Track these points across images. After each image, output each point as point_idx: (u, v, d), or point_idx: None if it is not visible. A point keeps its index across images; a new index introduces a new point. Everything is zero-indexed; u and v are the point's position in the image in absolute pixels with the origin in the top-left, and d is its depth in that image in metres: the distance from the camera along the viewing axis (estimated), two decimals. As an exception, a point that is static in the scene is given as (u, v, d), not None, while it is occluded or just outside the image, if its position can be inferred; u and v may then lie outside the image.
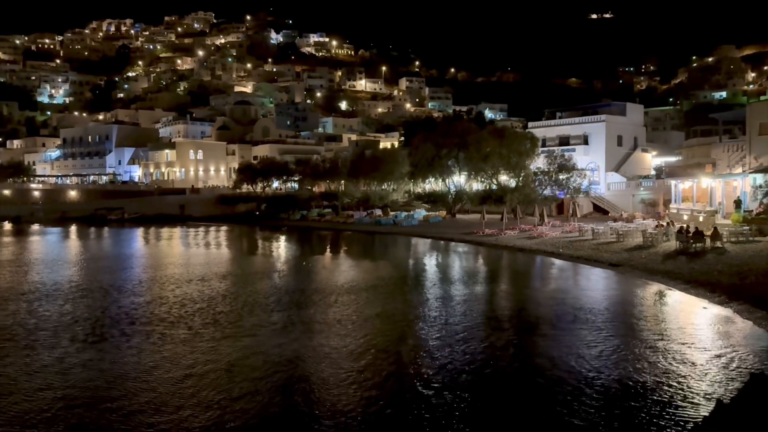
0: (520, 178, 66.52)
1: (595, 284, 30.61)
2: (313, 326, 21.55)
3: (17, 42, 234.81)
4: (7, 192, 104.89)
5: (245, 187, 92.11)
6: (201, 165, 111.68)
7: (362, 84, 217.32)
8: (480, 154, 67.74)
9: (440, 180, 75.88)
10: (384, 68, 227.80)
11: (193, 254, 46.39)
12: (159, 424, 13.18)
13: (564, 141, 76.56)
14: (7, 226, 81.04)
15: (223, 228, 74.27)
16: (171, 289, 29.39)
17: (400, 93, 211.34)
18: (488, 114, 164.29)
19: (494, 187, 69.44)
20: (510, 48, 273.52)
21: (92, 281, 32.34)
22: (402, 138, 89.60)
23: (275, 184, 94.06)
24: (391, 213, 73.80)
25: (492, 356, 17.94)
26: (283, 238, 61.09)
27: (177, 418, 13.43)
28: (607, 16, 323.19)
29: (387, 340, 19.69)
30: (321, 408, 13.98)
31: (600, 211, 67.69)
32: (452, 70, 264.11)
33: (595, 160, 74.29)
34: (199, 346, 19.07)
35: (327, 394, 14.82)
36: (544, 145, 74.73)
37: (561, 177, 62.78)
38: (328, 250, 50.78)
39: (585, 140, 75.21)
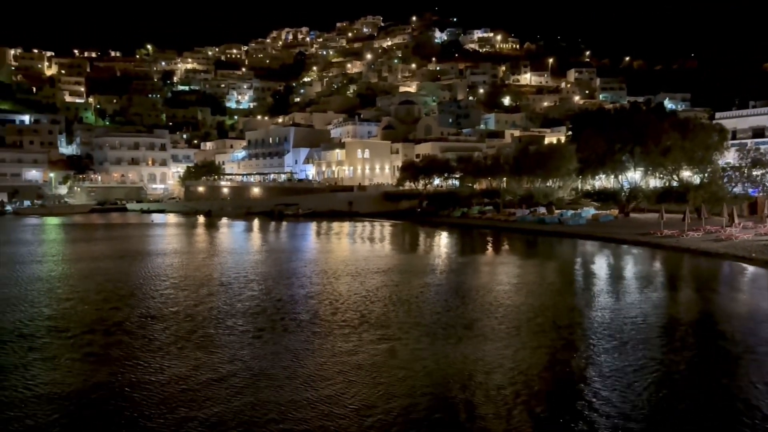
0: (706, 174, 60.57)
1: (799, 297, 26.61)
2: (463, 332, 20.72)
3: (209, 53, 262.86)
4: (201, 189, 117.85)
5: (408, 185, 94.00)
6: (367, 163, 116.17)
7: (527, 78, 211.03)
8: (659, 148, 62.57)
9: (612, 176, 71.22)
10: (550, 60, 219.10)
11: (358, 249, 48.12)
12: (286, 421, 13.49)
13: (758, 133, 68.66)
14: (201, 219, 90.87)
15: (387, 224, 76.49)
16: (328, 284, 30.52)
17: (568, 85, 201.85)
18: (668, 104, 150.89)
19: (675, 183, 63.74)
20: (692, 32, 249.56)
21: (258, 272, 34.74)
22: (569, 132, 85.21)
23: (436, 181, 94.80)
24: (557, 211, 70.79)
25: (675, 384, 15.99)
26: (443, 234, 61.25)
27: (307, 420, 13.74)
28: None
29: (549, 354, 18.31)
30: (461, 424, 13.39)
31: (805, 211, 59.49)
32: (626, 58, 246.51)
33: (798, 153, 65.40)
34: (341, 346, 18.97)
35: (469, 412, 14.15)
36: (734, 138, 67.60)
37: (755, 173, 56.58)
38: (488, 249, 49.79)
39: (786, 131, 66.54)
